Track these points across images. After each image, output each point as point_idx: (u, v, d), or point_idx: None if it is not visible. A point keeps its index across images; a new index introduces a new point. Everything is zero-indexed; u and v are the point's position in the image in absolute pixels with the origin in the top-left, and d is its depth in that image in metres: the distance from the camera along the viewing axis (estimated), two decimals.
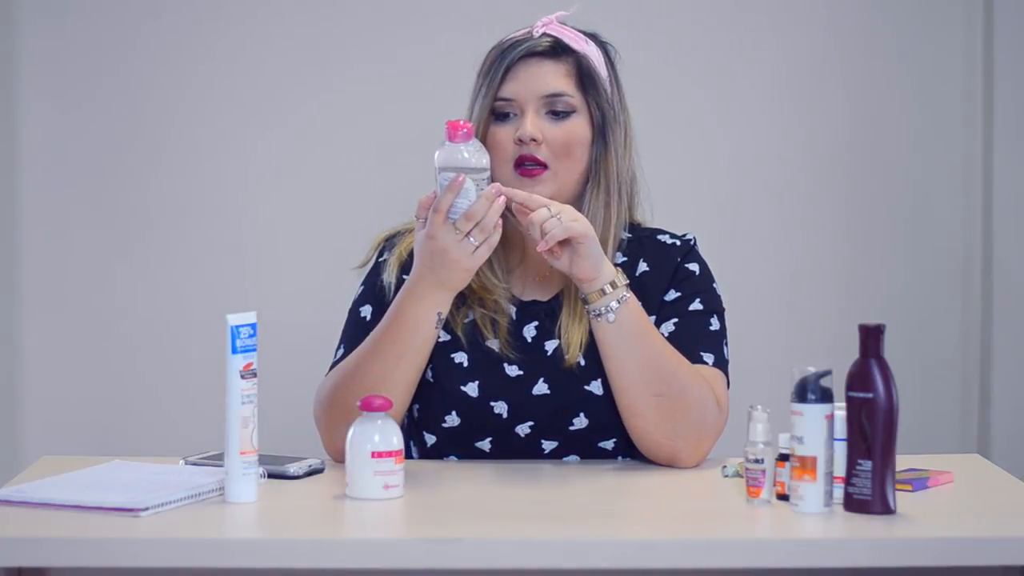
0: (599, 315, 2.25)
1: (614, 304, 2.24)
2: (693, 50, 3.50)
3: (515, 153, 2.34)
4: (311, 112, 3.48)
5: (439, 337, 2.35)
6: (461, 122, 2.20)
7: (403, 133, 3.36)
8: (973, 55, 3.52)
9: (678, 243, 2.44)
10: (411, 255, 2.41)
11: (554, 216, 2.21)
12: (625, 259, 2.41)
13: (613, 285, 2.24)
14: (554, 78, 2.36)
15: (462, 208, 2.19)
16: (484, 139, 2.34)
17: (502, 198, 2.21)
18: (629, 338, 2.25)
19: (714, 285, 2.42)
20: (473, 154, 2.20)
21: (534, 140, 2.33)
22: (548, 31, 2.38)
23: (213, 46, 3.47)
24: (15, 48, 3.44)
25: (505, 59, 2.36)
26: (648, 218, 2.47)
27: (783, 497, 2.02)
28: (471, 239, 2.19)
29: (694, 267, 2.41)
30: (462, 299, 2.37)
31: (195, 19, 3.46)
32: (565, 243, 2.23)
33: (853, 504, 1.96)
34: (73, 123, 3.46)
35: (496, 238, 2.21)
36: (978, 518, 2.04)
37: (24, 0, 3.43)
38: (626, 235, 2.42)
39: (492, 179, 2.24)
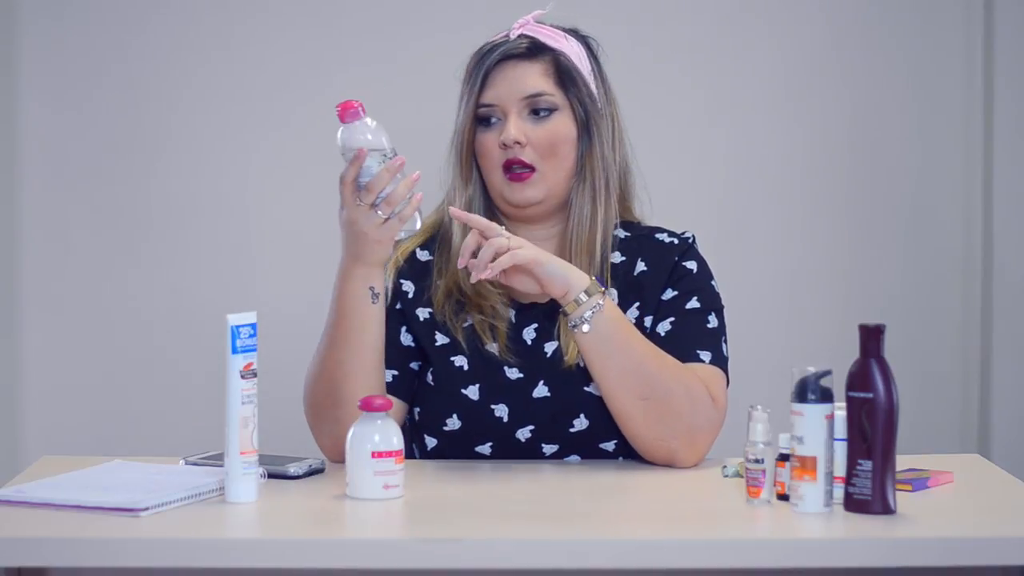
0: (575, 325, 2.25)
1: (588, 314, 2.24)
2: (692, 49, 3.50)
3: (502, 158, 2.35)
4: (311, 112, 3.48)
5: (436, 341, 2.35)
6: (355, 103, 2.19)
7: (403, 134, 3.35)
8: (973, 55, 3.52)
9: (676, 241, 2.43)
10: (407, 260, 2.42)
11: (509, 247, 2.20)
12: (624, 258, 2.41)
13: (588, 293, 2.24)
14: (532, 78, 2.36)
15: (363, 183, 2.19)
16: (471, 146, 2.36)
17: (416, 173, 2.20)
18: (608, 345, 2.24)
19: (712, 283, 2.41)
20: (370, 131, 2.19)
21: (518, 143, 2.33)
22: (525, 31, 2.38)
23: (213, 46, 3.47)
24: (15, 48, 3.44)
25: (483, 65, 2.37)
26: (646, 211, 2.47)
27: (783, 497, 2.02)
28: (379, 212, 2.19)
29: (691, 265, 2.41)
30: (460, 305, 2.37)
31: (195, 19, 3.46)
32: (516, 269, 2.23)
33: (853, 504, 1.96)
34: (73, 123, 3.46)
35: (409, 211, 2.19)
36: (978, 518, 2.04)
37: (24, 0, 3.43)
38: (624, 234, 2.42)
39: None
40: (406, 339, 2.36)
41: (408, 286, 2.40)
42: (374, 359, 2.27)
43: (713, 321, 2.37)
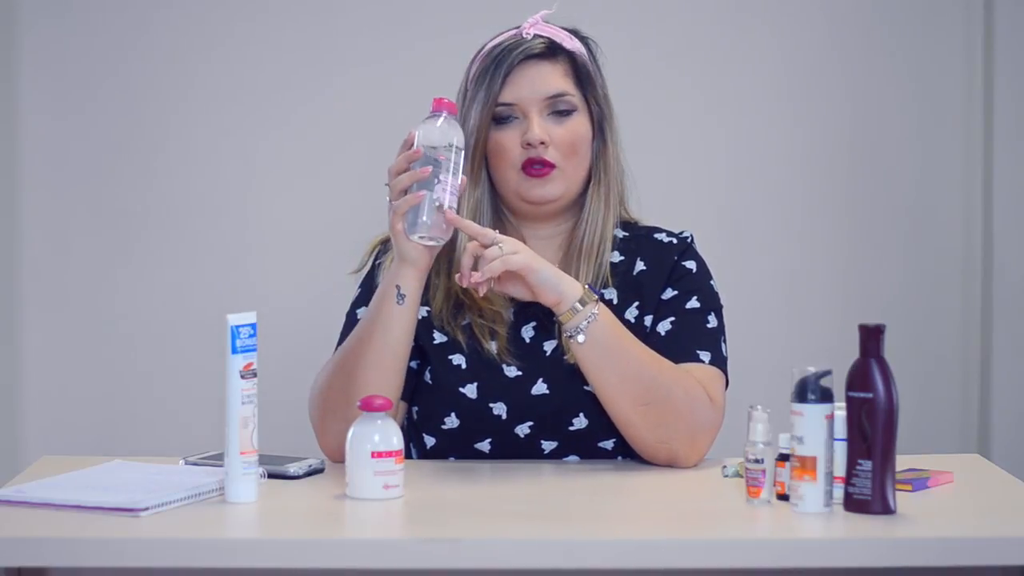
0: (571, 336, 2.24)
1: (584, 323, 2.23)
2: (692, 50, 3.50)
3: (522, 156, 2.35)
4: (311, 114, 3.48)
5: (435, 339, 2.35)
6: (445, 100, 2.23)
7: (403, 134, 3.36)
8: (973, 55, 3.52)
9: (675, 241, 2.44)
10: None
11: (503, 254, 2.20)
12: (623, 258, 2.41)
13: (582, 302, 2.23)
14: (554, 79, 2.36)
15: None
16: (487, 145, 2.35)
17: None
18: (604, 354, 2.24)
19: (711, 282, 2.41)
20: (438, 132, 2.21)
21: (542, 143, 2.33)
22: (538, 31, 2.38)
23: (213, 47, 3.47)
24: (15, 49, 3.44)
25: (503, 64, 2.36)
26: (638, 209, 2.47)
27: (783, 497, 2.02)
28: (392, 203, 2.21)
29: (691, 265, 2.41)
30: (460, 307, 2.37)
31: (195, 20, 3.46)
32: (509, 275, 2.23)
33: (853, 504, 1.96)
34: (73, 123, 3.46)
35: (400, 207, 2.19)
36: (978, 518, 2.04)
37: (24, 1, 3.44)
38: (623, 233, 2.42)
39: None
40: None
41: None
42: (392, 362, 2.27)
43: (712, 321, 2.37)
